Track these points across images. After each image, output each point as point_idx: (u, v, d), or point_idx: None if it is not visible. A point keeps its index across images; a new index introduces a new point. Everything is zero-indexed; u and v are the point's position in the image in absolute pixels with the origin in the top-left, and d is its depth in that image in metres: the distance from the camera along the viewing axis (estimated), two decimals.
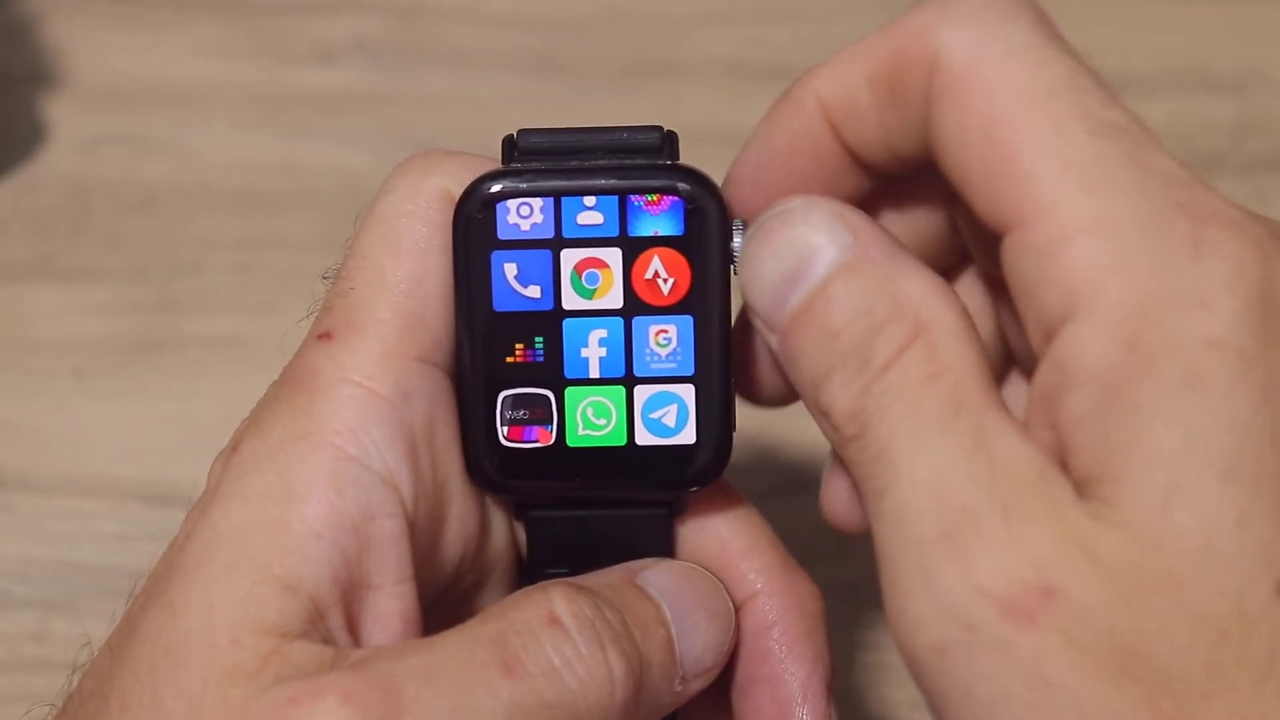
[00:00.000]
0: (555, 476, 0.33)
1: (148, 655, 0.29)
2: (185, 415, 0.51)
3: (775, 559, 0.34)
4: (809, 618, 0.34)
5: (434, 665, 0.28)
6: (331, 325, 0.32)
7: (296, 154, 0.56)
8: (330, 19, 0.59)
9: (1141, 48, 0.58)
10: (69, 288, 0.53)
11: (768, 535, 0.34)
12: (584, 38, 0.58)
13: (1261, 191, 0.55)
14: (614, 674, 0.30)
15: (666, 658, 0.31)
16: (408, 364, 0.31)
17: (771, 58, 0.58)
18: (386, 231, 0.32)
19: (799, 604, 0.34)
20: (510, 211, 0.32)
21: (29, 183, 0.55)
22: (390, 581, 0.30)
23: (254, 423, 0.31)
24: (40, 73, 0.57)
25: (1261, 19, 0.59)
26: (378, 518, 0.30)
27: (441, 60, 0.58)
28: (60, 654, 0.47)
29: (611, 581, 0.32)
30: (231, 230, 0.54)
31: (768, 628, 0.34)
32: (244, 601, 0.29)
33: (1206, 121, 0.57)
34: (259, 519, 0.30)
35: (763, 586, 0.34)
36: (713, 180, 0.33)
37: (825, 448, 0.51)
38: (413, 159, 0.33)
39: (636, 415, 0.33)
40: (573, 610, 0.30)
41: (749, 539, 0.34)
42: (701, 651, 0.32)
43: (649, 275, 0.32)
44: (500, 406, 0.33)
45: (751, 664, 0.34)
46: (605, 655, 0.30)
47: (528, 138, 0.33)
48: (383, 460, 0.30)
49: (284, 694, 0.28)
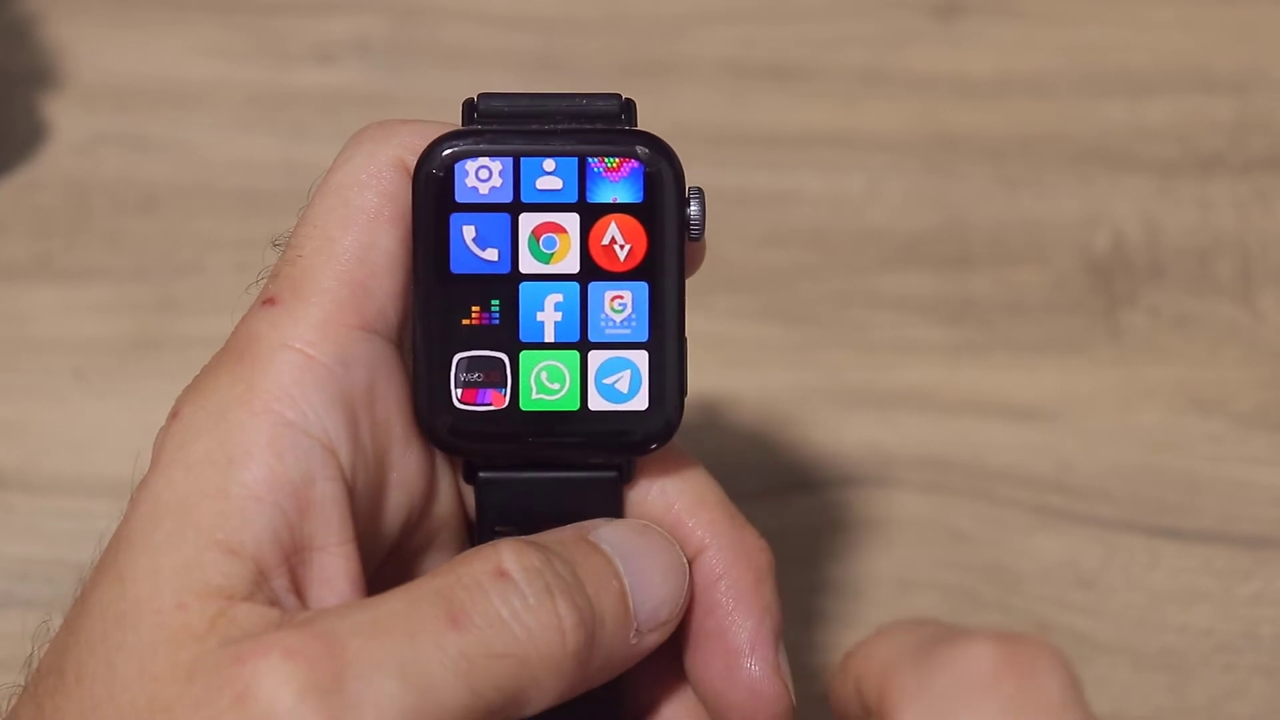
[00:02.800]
0: (507, 439, 0.33)
1: (99, 626, 0.29)
2: None
3: (722, 515, 0.35)
4: (756, 570, 0.34)
5: (379, 620, 0.29)
6: (276, 292, 0.32)
7: (296, 154, 0.56)
8: (330, 19, 0.59)
9: (1141, 48, 0.58)
10: (69, 288, 0.53)
11: (715, 492, 0.35)
12: (584, 38, 0.58)
13: (1261, 191, 0.55)
14: (564, 623, 0.30)
15: (620, 609, 0.32)
16: (350, 332, 0.32)
17: (771, 58, 0.58)
18: (338, 201, 0.32)
19: (746, 557, 0.34)
20: (469, 174, 0.32)
21: (29, 183, 0.55)
22: (333, 543, 0.31)
23: (194, 388, 0.32)
24: (40, 73, 0.57)
25: (1261, 19, 0.59)
26: (317, 481, 0.31)
27: (441, 60, 0.58)
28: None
29: (563, 538, 0.32)
30: (231, 230, 0.54)
31: (715, 581, 0.34)
32: (188, 567, 0.29)
33: (1206, 121, 0.57)
34: (200, 486, 0.30)
35: (710, 541, 0.34)
36: (671, 147, 0.33)
37: (824, 448, 0.51)
38: (368, 127, 0.34)
39: (590, 380, 0.33)
40: (521, 563, 0.30)
41: (695, 496, 0.35)
42: (656, 605, 0.32)
43: (605, 241, 0.33)
44: (455, 369, 0.33)
45: (700, 618, 0.34)
46: (555, 604, 0.30)
47: (488, 101, 0.33)
48: (321, 425, 0.31)
49: (229, 653, 0.28)
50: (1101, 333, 0.52)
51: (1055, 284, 0.53)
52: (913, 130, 0.56)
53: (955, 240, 0.54)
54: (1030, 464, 0.50)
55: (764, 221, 0.54)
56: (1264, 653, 0.46)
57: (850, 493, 0.49)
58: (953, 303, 0.53)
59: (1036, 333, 0.52)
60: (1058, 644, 0.46)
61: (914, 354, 0.52)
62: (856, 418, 0.50)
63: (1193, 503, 0.49)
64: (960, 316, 0.53)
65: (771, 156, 0.55)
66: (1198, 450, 0.50)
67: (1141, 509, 0.49)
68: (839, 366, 0.52)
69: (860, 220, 0.55)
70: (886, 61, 0.58)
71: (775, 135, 0.56)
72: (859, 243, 0.54)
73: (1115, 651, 0.46)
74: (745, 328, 0.52)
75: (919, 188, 0.55)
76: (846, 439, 0.50)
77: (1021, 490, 0.49)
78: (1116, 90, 0.57)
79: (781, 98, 0.57)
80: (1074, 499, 0.49)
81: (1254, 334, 0.52)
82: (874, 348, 0.52)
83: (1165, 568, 0.48)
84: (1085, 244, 0.54)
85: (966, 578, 0.48)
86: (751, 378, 0.51)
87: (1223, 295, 0.53)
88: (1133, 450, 0.50)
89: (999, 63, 0.58)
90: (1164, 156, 0.56)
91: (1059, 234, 0.54)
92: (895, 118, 0.57)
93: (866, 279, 0.53)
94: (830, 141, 0.56)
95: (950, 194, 0.55)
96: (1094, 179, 0.55)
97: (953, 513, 0.49)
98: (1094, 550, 0.48)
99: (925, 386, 0.51)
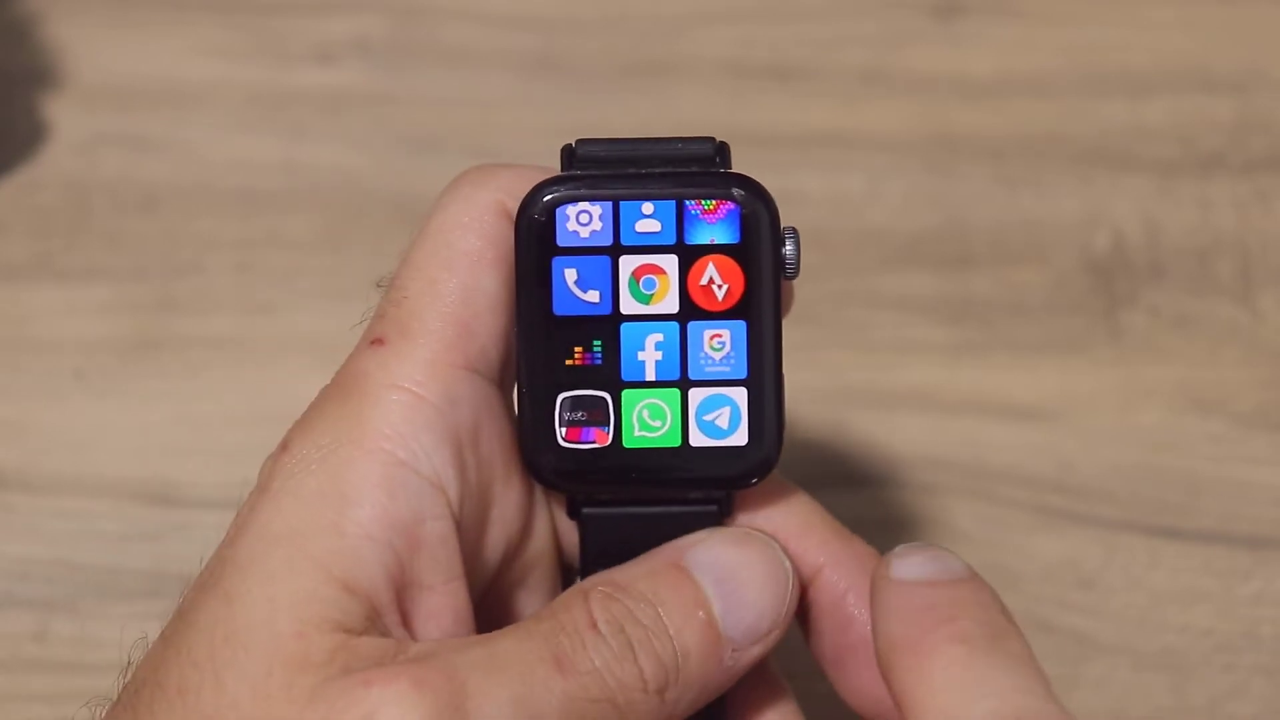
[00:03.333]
0: (610, 476, 0.34)
1: (205, 643, 0.30)
2: (185, 415, 0.51)
3: (830, 533, 0.35)
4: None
5: (495, 658, 0.30)
6: (384, 332, 0.33)
7: (296, 154, 0.56)
8: (330, 19, 0.59)
9: (1141, 48, 0.58)
10: (69, 288, 0.53)
11: (819, 512, 0.36)
12: (584, 38, 0.58)
13: (1261, 191, 0.55)
14: (645, 674, 0.31)
15: (707, 638, 0.32)
16: (455, 372, 0.32)
17: (771, 58, 0.58)
18: (440, 245, 0.33)
19: (863, 566, 0.35)
20: (570, 218, 0.33)
21: (29, 183, 0.55)
22: (441, 581, 0.32)
23: (304, 424, 0.32)
24: (40, 73, 0.57)
25: (1261, 19, 0.59)
26: (427, 520, 0.32)
27: (441, 60, 0.58)
28: (61, 654, 0.47)
29: (654, 568, 0.33)
30: (231, 230, 0.54)
31: (840, 597, 0.35)
32: (307, 599, 0.30)
33: (1206, 121, 0.57)
34: (314, 520, 0.31)
35: (825, 560, 0.35)
36: (765, 188, 0.34)
37: (824, 448, 0.51)
38: (467, 173, 0.34)
39: (691, 417, 0.34)
40: (606, 615, 0.31)
41: (801, 519, 0.35)
42: (755, 619, 0.33)
43: (704, 281, 0.33)
44: (559, 408, 0.34)
45: (837, 635, 0.35)
46: (635, 657, 0.31)
47: (586, 146, 0.34)
48: (430, 465, 0.32)
49: (356, 679, 0.29)
50: (1102, 333, 0.52)
51: (1055, 284, 0.53)
52: (913, 130, 0.56)
53: (955, 240, 0.54)
54: (1030, 464, 0.50)
55: None
56: (1264, 653, 0.46)
57: (850, 493, 0.49)
58: (953, 303, 0.53)
59: (1037, 333, 0.52)
60: (1058, 644, 0.46)
61: (914, 354, 0.52)
62: (857, 418, 0.50)
63: (1193, 503, 0.49)
64: (960, 316, 0.53)
65: (771, 156, 0.55)
66: (1198, 450, 0.50)
67: (1142, 509, 0.49)
68: (839, 366, 0.52)
69: (860, 220, 0.55)
70: (886, 61, 0.58)
71: (775, 135, 0.56)
72: (859, 243, 0.54)
73: (1115, 651, 0.46)
74: None
75: (919, 188, 0.55)
76: (846, 439, 0.50)
77: (1022, 490, 0.49)
78: (1116, 90, 0.57)
79: (781, 98, 0.57)
80: (1074, 499, 0.49)
81: (1254, 334, 0.52)
82: (874, 348, 0.52)
83: (1165, 568, 0.48)
84: (1085, 244, 0.54)
85: None
86: None
87: (1223, 295, 0.53)
88: (1133, 450, 0.50)
89: (999, 63, 0.58)
90: (1164, 156, 0.56)
91: (1059, 234, 0.54)
92: (895, 118, 0.57)
93: (867, 279, 0.53)
94: (830, 141, 0.56)
95: (950, 194, 0.55)
96: (1094, 179, 0.55)
97: (953, 513, 0.49)
98: (1094, 550, 0.48)
99: (925, 386, 0.51)
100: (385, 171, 0.55)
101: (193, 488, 0.49)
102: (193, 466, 0.50)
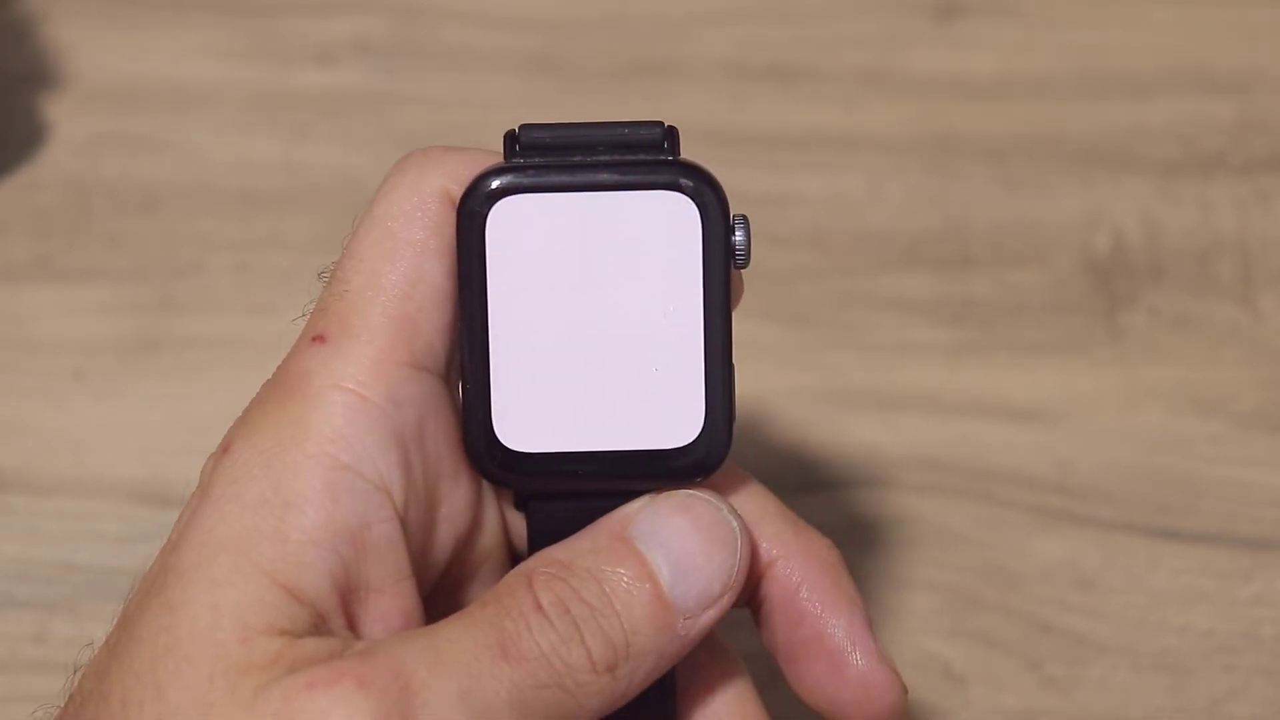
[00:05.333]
0: (557, 470, 0.33)
1: (147, 653, 0.29)
2: (185, 415, 0.51)
3: (784, 524, 0.35)
4: (831, 569, 0.35)
5: (439, 650, 0.29)
6: (325, 329, 0.32)
7: (296, 154, 0.56)
8: (330, 19, 0.59)
9: (1141, 48, 0.58)
10: (69, 288, 0.53)
11: (772, 502, 0.35)
12: (584, 38, 0.58)
13: (1262, 192, 0.55)
14: (593, 655, 0.31)
15: (655, 611, 0.32)
16: (400, 370, 0.32)
17: (771, 58, 0.58)
18: (383, 235, 0.32)
19: (817, 559, 0.34)
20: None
21: (29, 183, 0.55)
22: (389, 583, 0.31)
23: (246, 424, 0.32)
24: (40, 73, 0.57)
25: (1261, 19, 0.59)
26: (373, 524, 0.31)
27: (441, 60, 0.58)
28: (60, 655, 0.47)
29: (597, 543, 0.32)
30: (231, 230, 0.54)
31: (794, 590, 0.34)
32: (251, 606, 0.29)
33: (1206, 121, 0.57)
34: (257, 527, 0.30)
35: (778, 552, 0.34)
36: (714, 176, 0.33)
37: (824, 449, 0.51)
38: (411, 157, 0.33)
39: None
40: (550, 597, 0.31)
41: (755, 509, 0.35)
42: (705, 585, 0.32)
43: None
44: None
45: (791, 629, 0.34)
46: (582, 638, 0.30)
47: (529, 133, 0.33)
48: (375, 467, 0.31)
49: (300, 680, 0.28)
50: (1102, 333, 0.52)
51: (1055, 285, 0.53)
52: (913, 131, 0.56)
53: (955, 241, 0.54)
54: (1030, 465, 0.50)
55: (764, 222, 0.54)
56: (1264, 653, 0.46)
57: (850, 494, 0.49)
58: (953, 304, 0.53)
59: (1037, 334, 0.52)
60: (1058, 645, 0.46)
61: (914, 355, 0.52)
62: (856, 419, 0.50)
63: (1193, 504, 0.49)
64: (960, 317, 0.53)
65: (771, 157, 0.55)
66: (1198, 451, 0.50)
67: (1142, 510, 0.49)
68: (839, 367, 0.52)
69: (860, 221, 0.55)
70: (887, 62, 0.58)
71: (775, 136, 0.56)
72: (859, 244, 0.54)
73: (1115, 652, 0.46)
74: (745, 329, 0.52)
75: (919, 188, 0.55)
76: (846, 440, 0.50)
77: (1021, 491, 0.49)
78: (1116, 90, 0.57)
79: (782, 98, 0.57)
80: (1074, 500, 0.49)
81: (1254, 335, 0.52)
82: (874, 349, 0.52)
83: (1165, 568, 0.48)
84: (1085, 245, 0.54)
85: (966, 579, 0.47)
86: (751, 379, 0.51)
87: (1223, 296, 0.53)
88: (1133, 451, 0.50)
89: (999, 63, 0.58)
90: (1164, 157, 0.56)
91: (1059, 235, 0.54)
92: (895, 118, 0.57)
93: (867, 280, 0.53)
94: (830, 142, 0.56)
95: (950, 195, 0.55)
96: (1094, 180, 0.55)
97: (952, 514, 0.49)
98: (1094, 551, 0.48)
99: (925, 387, 0.51)
100: (385, 171, 0.55)
101: (192, 488, 0.49)
102: (193, 467, 0.49)
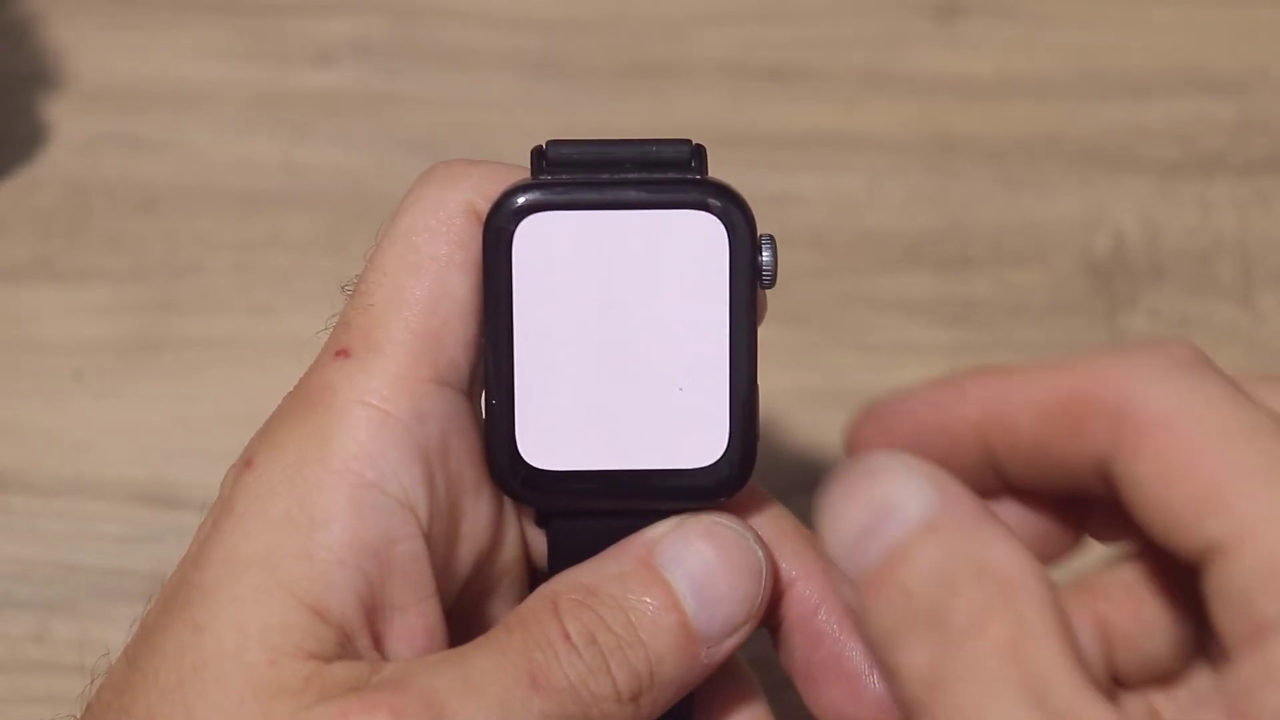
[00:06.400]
0: (580, 488, 0.33)
1: (173, 671, 0.29)
2: (185, 415, 0.51)
3: (803, 544, 0.34)
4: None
5: (470, 680, 0.29)
6: (349, 343, 0.32)
7: (296, 154, 0.56)
8: (330, 19, 0.59)
9: (1141, 48, 0.58)
10: (69, 288, 0.53)
11: (793, 523, 0.35)
12: (584, 38, 0.58)
13: (1262, 192, 0.55)
14: (618, 684, 0.31)
15: (680, 640, 0.31)
16: (424, 385, 0.31)
17: (771, 58, 0.58)
18: (407, 249, 0.32)
19: (835, 579, 0.33)
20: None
21: (29, 183, 0.55)
22: (414, 601, 0.31)
23: (269, 439, 0.31)
24: (40, 73, 0.57)
25: (1261, 19, 0.59)
26: (398, 541, 0.31)
27: (441, 60, 0.58)
28: (60, 655, 0.47)
29: (623, 569, 0.32)
30: (231, 230, 0.54)
31: (813, 611, 0.34)
32: (279, 628, 0.29)
33: (1206, 121, 0.57)
34: (283, 545, 0.30)
35: (798, 573, 0.34)
36: (741, 195, 0.33)
37: (825, 449, 0.51)
38: (435, 170, 0.33)
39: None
40: (578, 627, 0.31)
41: (774, 530, 0.34)
42: (730, 612, 0.32)
43: None
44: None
45: (809, 650, 0.34)
46: (609, 669, 0.30)
47: (557, 149, 0.32)
48: (399, 484, 0.31)
49: (332, 709, 0.28)
50: (1102, 334, 0.52)
51: (1056, 285, 0.53)
52: (913, 131, 0.56)
53: (956, 241, 0.54)
54: None
55: (764, 223, 0.54)
56: None
57: None
58: (953, 304, 0.53)
59: (1037, 334, 0.52)
60: None
61: (915, 355, 0.52)
62: None
63: None
64: (961, 318, 0.53)
65: (772, 157, 0.55)
66: None
67: None
68: (840, 368, 0.52)
69: (861, 221, 0.55)
70: (887, 62, 0.58)
71: (775, 136, 0.56)
72: (859, 244, 0.54)
73: None
74: None
75: (919, 189, 0.55)
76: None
77: None
78: (1116, 90, 0.57)
79: (782, 99, 0.57)
80: None
81: (1254, 335, 0.52)
82: (875, 349, 0.52)
83: None
84: (1086, 245, 0.54)
85: None
86: None
87: (1223, 297, 0.53)
88: None
89: (999, 64, 0.58)
90: (1164, 157, 0.56)
91: (1059, 235, 0.54)
92: (895, 119, 0.57)
93: (867, 280, 0.53)
94: (831, 142, 0.56)
95: (951, 195, 0.55)
96: (1094, 180, 0.55)
97: None
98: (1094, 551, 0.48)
99: None
100: (385, 172, 0.55)
101: (192, 489, 0.49)
102: (193, 468, 0.50)
